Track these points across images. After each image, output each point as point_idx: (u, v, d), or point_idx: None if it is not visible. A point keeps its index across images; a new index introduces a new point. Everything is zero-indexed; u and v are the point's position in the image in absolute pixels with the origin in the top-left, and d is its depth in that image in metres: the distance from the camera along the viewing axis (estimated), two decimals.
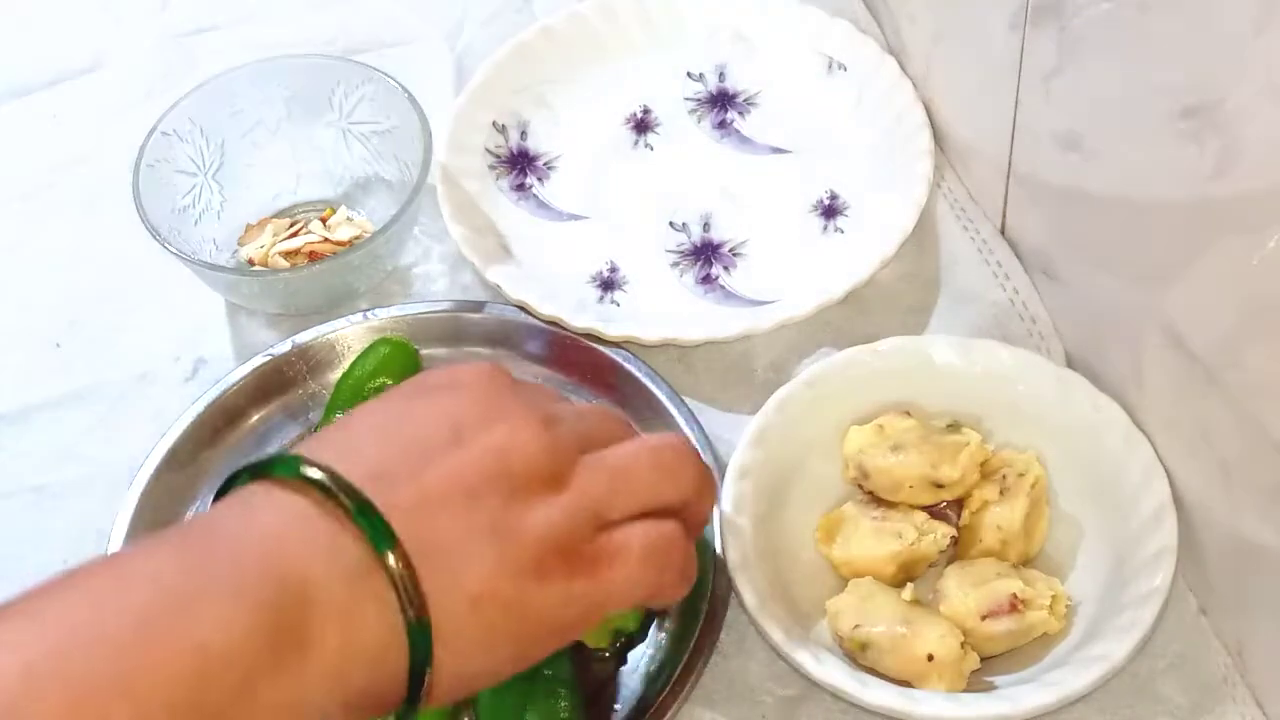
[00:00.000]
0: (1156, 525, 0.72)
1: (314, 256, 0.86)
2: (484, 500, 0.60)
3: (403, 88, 0.86)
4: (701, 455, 0.71)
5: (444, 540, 0.59)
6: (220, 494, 0.61)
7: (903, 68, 0.90)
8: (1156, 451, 0.74)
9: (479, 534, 0.59)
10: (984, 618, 0.71)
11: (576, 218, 0.89)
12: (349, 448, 0.61)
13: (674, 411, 0.78)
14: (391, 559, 0.57)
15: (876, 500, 0.75)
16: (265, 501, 0.59)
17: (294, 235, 0.87)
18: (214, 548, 0.57)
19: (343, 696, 0.57)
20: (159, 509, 0.78)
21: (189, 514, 0.79)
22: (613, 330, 0.81)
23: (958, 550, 0.75)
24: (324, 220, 0.88)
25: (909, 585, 0.72)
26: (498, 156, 0.91)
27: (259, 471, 0.60)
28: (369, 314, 0.84)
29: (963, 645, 0.70)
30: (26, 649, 0.52)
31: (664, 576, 0.64)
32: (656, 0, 0.93)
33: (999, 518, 0.74)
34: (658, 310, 0.85)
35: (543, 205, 0.90)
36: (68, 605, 0.54)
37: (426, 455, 0.61)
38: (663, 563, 0.64)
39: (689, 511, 0.66)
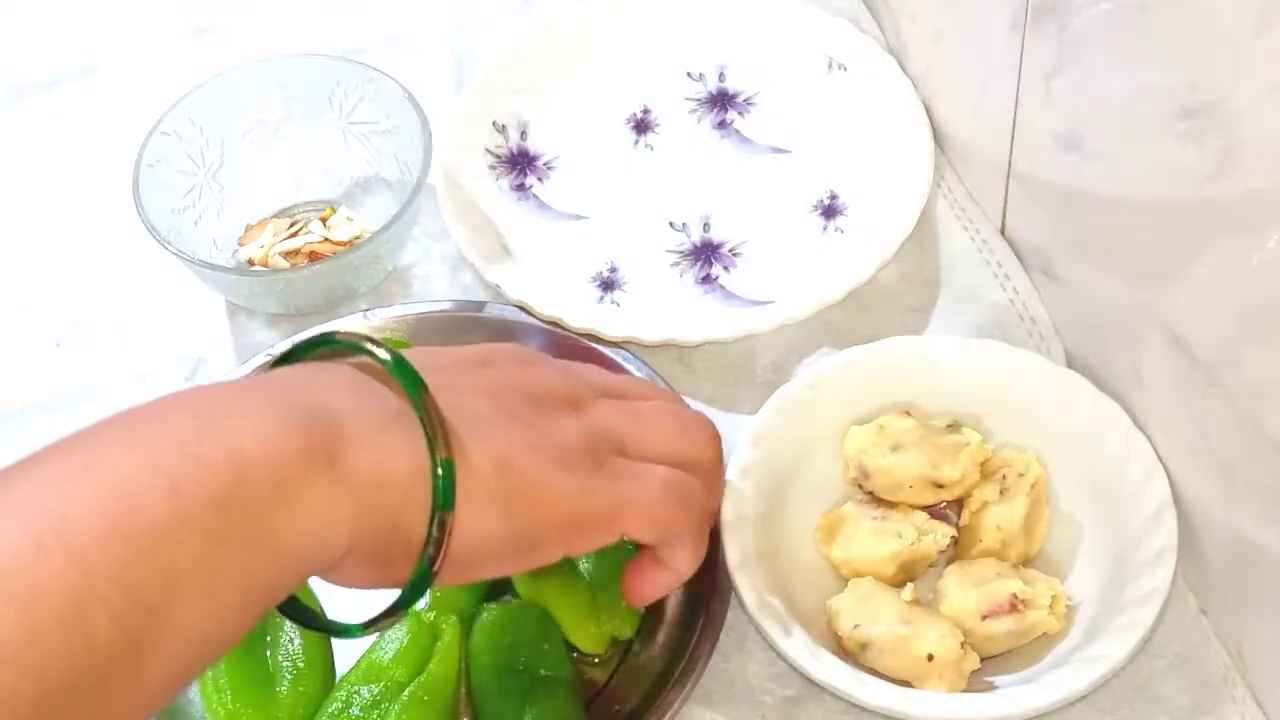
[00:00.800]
0: (1156, 525, 0.72)
1: (314, 256, 0.86)
2: (508, 399, 0.63)
3: (403, 88, 0.86)
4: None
5: (475, 413, 0.62)
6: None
7: (903, 68, 0.90)
8: (1156, 451, 0.74)
9: (507, 418, 0.62)
10: (984, 618, 0.71)
11: (576, 218, 0.89)
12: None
13: None
14: (422, 399, 0.60)
15: (876, 500, 0.75)
16: (308, 363, 0.62)
17: (294, 235, 0.87)
18: (249, 386, 0.60)
19: (370, 527, 0.58)
20: None
21: None
22: (613, 330, 0.81)
23: (958, 550, 0.75)
24: (324, 220, 0.88)
25: (909, 585, 0.72)
26: (498, 156, 0.91)
27: (306, 349, 0.63)
28: (369, 314, 0.84)
29: (963, 645, 0.70)
30: (69, 457, 0.55)
31: (681, 515, 0.66)
32: (656, 0, 0.93)
33: (999, 518, 0.74)
34: (658, 310, 0.85)
35: (543, 205, 0.90)
36: (109, 427, 0.56)
37: (459, 366, 0.65)
38: (683, 501, 0.66)
39: (705, 480, 0.68)
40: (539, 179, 0.91)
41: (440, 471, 0.59)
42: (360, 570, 0.60)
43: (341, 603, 0.65)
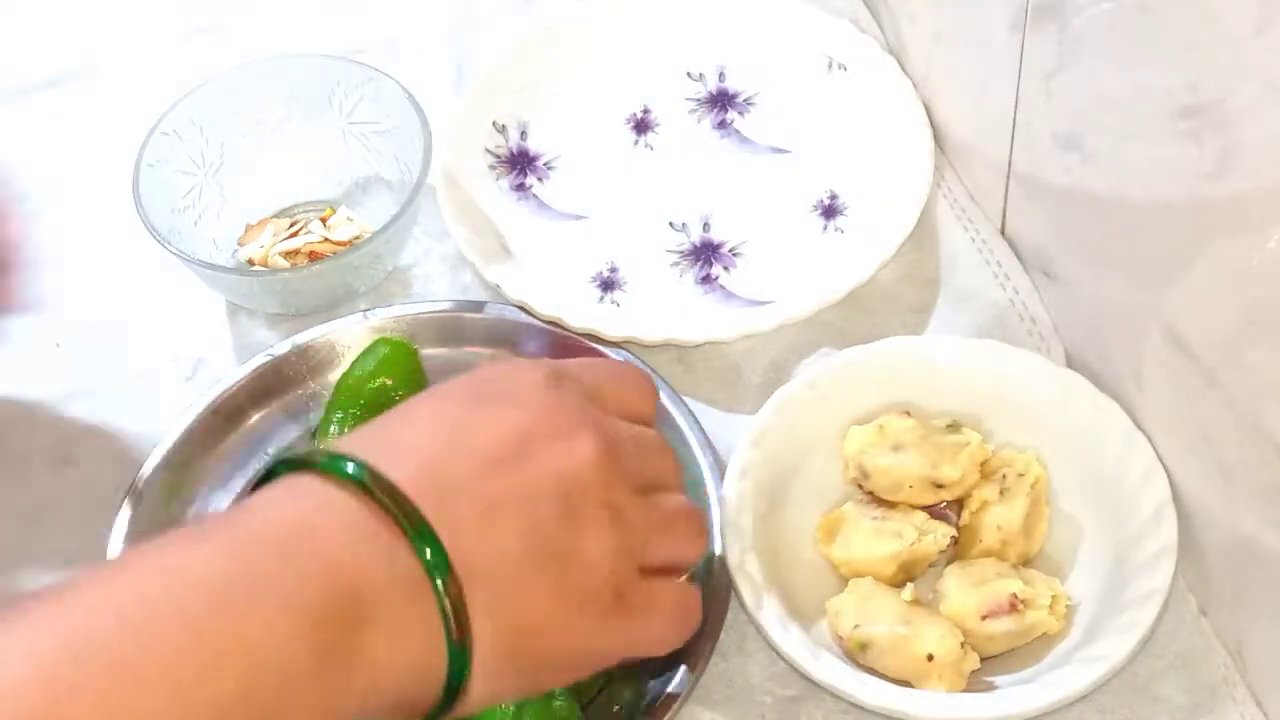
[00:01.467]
0: (1156, 525, 0.72)
1: (314, 256, 0.86)
2: (542, 522, 0.60)
3: (403, 88, 0.86)
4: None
5: (498, 563, 0.59)
6: (260, 483, 0.60)
7: (903, 67, 0.90)
8: (1156, 451, 0.74)
9: (533, 558, 0.60)
10: (984, 618, 0.71)
11: (576, 218, 0.89)
12: (408, 447, 0.60)
13: (674, 411, 0.78)
14: (443, 585, 0.57)
15: (876, 500, 0.75)
16: (318, 499, 0.58)
17: (294, 235, 0.87)
18: (264, 548, 0.56)
19: (377, 704, 0.57)
20: (159, 509, 0.78)
21: (189, 514, 0.79)
22: (613, 330, 0.81)
23: (958, 550, 0.75)
24: (324, 220, 0.88)
25: (909, 585, 0.72)
26: (498, 156, 0.91)
27: (307, 466, 0.59)
28: (369, 314, 0.83)
29: (962, 645, 0.70)
30: (71, 635, 0.52)
31: (682, 635, 0.67)
32: (656, 0, 0.93)
33: (999, 518, 0.74)
34: (658, 310, 0.85)
35: (543, 205, 0.90)
36: (113, 595, 0.54)
37: (486, 468, 0.60)
38: (686, 623, 0.66)
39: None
40: (539, 179, 0.91)
41: (457, 655, 0.58)
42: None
43: None
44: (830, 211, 0.88)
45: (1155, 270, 0.71)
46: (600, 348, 0.81)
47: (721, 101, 0.92)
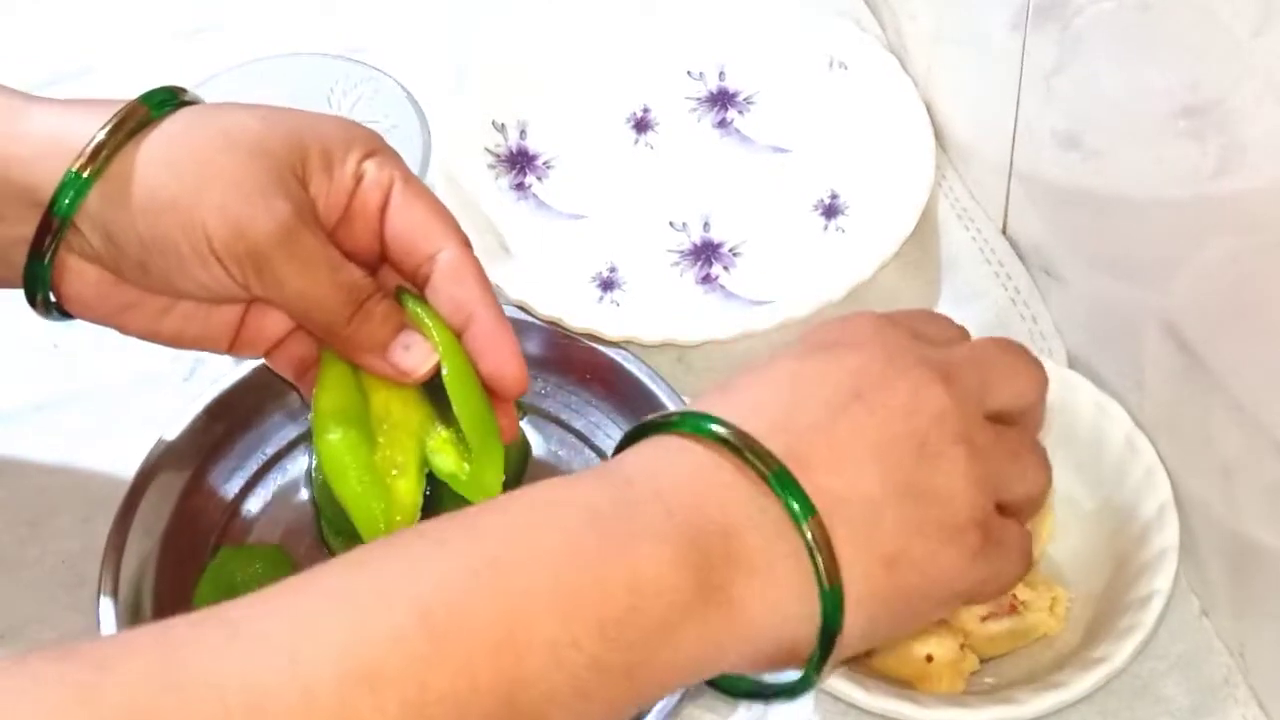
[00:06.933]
0: (1158, 526, 0.72)
1: None
2: (895, 459, 0.60)
3: (403, 87, 0.86)
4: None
5: (858, 497, 0.59)
6: (621, 447, 0.61)
7: (903, 67, 0.90)
8: (1158, 452, 0.74)
9: (893, 491, 0.59)
10: (983, 619, 0.71)
11: (576, 217, 0.89)
12: (754, 403, 0.60)
13: None
14: (808, 529, 0.58)
15: None
16: (683, 454, 0.59)
17: None
18: (640, 492, 0.57)
19: (752, 654, 0.58)
20: (158, 509, 0.78)
21: (189, 514, 0.79)
22: (613, 330, 0.81)
23: None
24: None
25: None
26: (498, 156, 0.90)
27: (664, 428, 0.60)
28: None
29: (962, 646, 0.70)
30: (466, 555, 0.54)
31: (1019, 580, 0.65)
32: (657, 0, 0.93)
33: None
34: (658, 310, 0.85)
35: (542, 205, 0.90)
36: (503, 522, 0.56)
37: (833, 412, 0.60)
38: (1026, 567, 0.65)
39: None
40: (538, 178, 0.90)
41: (830, 597, 0.58)
42: (737, 669, 0.59)
43: None
44: (831, 211, 0.88)
45: (1157, 269, 0.71)
46: (600, 348, 0.81)
47: (722, 101, 0.92)
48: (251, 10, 1.00)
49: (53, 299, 0.72)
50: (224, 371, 0.82)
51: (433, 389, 0.71)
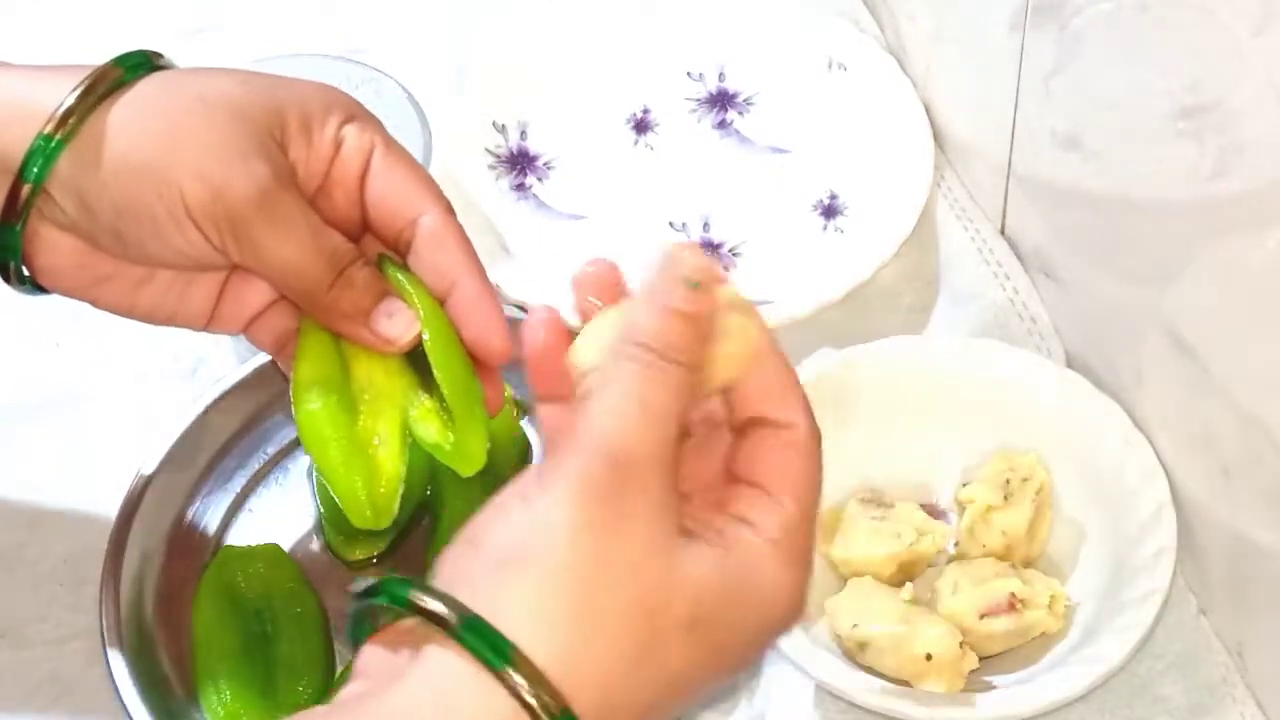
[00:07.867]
0: (1156, 525, 0.72)
1: None
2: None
3: (403, 88, 0.86)
4: None
5: None
6: (367, 594, 0.53)
7: (903, 67, 0.90)
8: (1156, 452, 0.74)
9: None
10: (982, 617, 0.71)
11: (576, 218, 0.89)
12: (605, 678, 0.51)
13: None
14: None
15: (877, 500, 0.75)
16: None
17: None
18: None
19: None
20: (159, 509, 0.78)
21: (189, 513, 0.79)
22: None
23: (959, 552, 0.75)
24: None
25: (908, 585, 0.72)
26: (498, 156, 0.91)
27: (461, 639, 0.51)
28: None
29: (961, 645, 0.70)
30: None
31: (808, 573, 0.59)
32: (657, 0, 0.93)
33: (1004, 523, 0.74)
34: None
35: (542, 205, 0.90)
36: None
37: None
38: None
39: None
40: (539, 179, 0.91)
41: None
42: None
43: None
44: (830, 211, 0.88)
45: (1155, 270, 0.71)
46: None
47: (721, 101, 0.92)
48: (252, 10, 1.00)
49: (26, 272, 0.68)
50: (225, 371, 0.83)
51: (416, 358, 0.68)
